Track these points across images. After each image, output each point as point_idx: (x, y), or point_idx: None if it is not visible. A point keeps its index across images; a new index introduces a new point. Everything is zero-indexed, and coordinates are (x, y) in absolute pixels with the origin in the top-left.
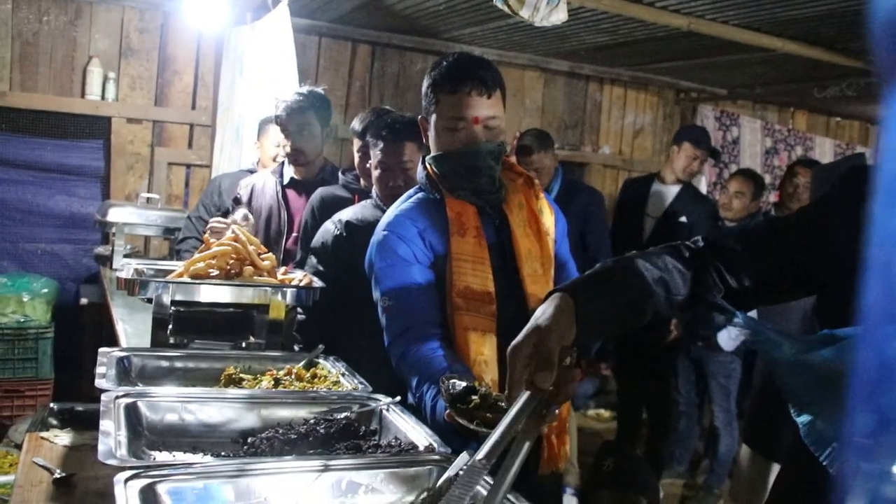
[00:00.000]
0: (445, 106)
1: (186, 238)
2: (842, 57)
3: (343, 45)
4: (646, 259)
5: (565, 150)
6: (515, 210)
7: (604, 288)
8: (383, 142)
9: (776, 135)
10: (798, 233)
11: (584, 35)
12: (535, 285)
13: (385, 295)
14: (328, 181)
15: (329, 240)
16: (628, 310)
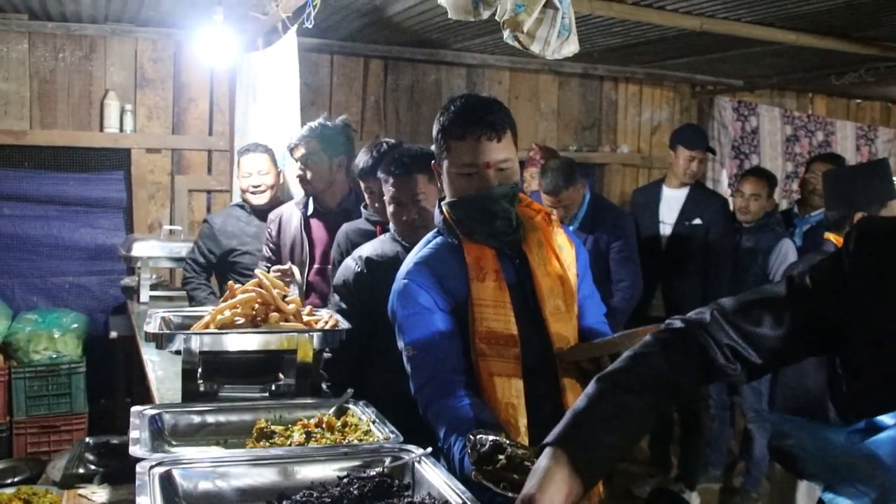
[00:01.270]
0: (456, 152)
1: (189, 280)
2: (858, 45)
3: (355, 62)
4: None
5: (583, 152)
6: (535, 248)
7: (595, 428)
8: (393, 177)
9: (796, 122)
10: (813, 297)
11: (596, 38)
12: (559, 323)
13: (409, 345)
14: (351, 210)
15: (350, 277)
16: (629, 434)
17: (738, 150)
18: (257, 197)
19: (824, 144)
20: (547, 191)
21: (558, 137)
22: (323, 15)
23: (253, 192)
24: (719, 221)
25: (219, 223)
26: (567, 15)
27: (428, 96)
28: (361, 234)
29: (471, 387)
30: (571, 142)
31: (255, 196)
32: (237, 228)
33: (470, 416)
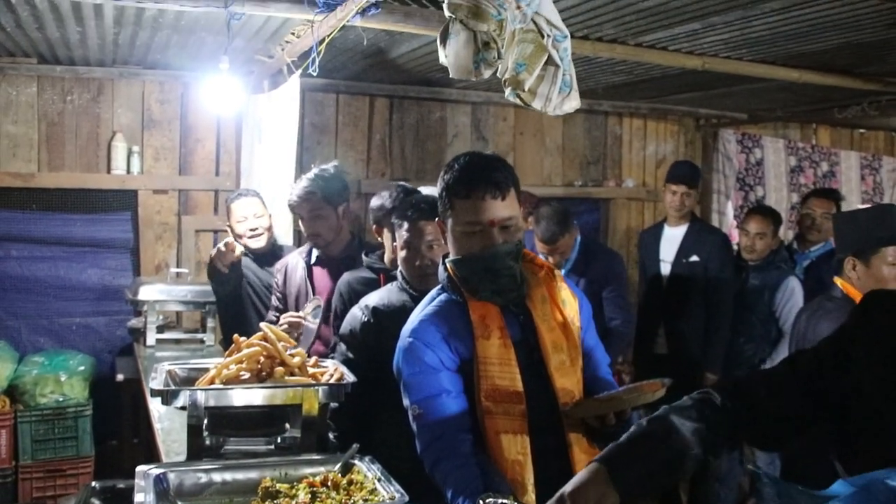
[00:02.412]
0: (461, 211)
1: None
2: (860, 81)
3: (361, 101)
4: (680, 414)
5: (588, 186)
6: (538, 304)
7: (638, 452)
8: (408, 222)
9: (800, 153)
10: (817, 371)
11: (599, 77)
12: (564, 378)
13: (415, 404)
14: (355, 257)
15: (357, 326)
16: (666, 468)
17: (742, 181)
18: (256, 241)
19: (829, 175)
20: (544, 239)
21: (563, 173)
22: (328, 56)
23: (251, 235)
24: (717, 257)
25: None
26: (568, 72)
27: (433, 134)
28: (364, 282)
29: (477, 445)
30: (576, 177)
31: (254, 240)
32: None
33: (477, 477)
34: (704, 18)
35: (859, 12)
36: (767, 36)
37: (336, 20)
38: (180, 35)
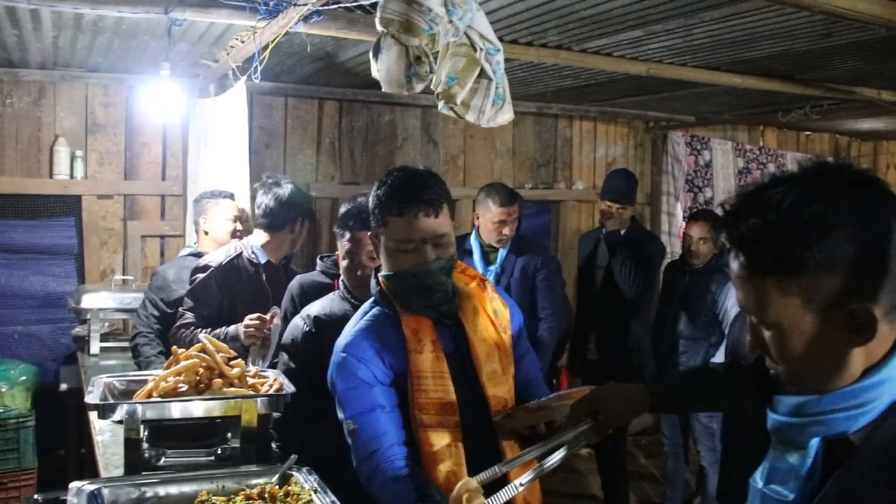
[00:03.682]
0: (393, 228)
1: (140, 333)
2: (800, 86)
3: (310, 104)
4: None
5: (539, 189)
6: (470, 315)
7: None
8: (350, 232)
9: (748, 155)
10: None
11: (548, 81)
12: (496, 387)
13: (349, 419)
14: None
15: (298, 336)
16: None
17: (692, 183)
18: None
19: None
20: (503, 203)
21: (514, 175)
22: (276, 60)
23: (238, 235)
24: (649, 261)
25: (172, 275)
26: (501, 85)
27: (383, 137)
28: (317, 286)
29: (412, 458)
30: (527, 179)
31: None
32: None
33: (411, 490)
34: (646, 26)
35: (794, 22)
36: (709, 43)
37: (279, 27)
38: (122, 39)
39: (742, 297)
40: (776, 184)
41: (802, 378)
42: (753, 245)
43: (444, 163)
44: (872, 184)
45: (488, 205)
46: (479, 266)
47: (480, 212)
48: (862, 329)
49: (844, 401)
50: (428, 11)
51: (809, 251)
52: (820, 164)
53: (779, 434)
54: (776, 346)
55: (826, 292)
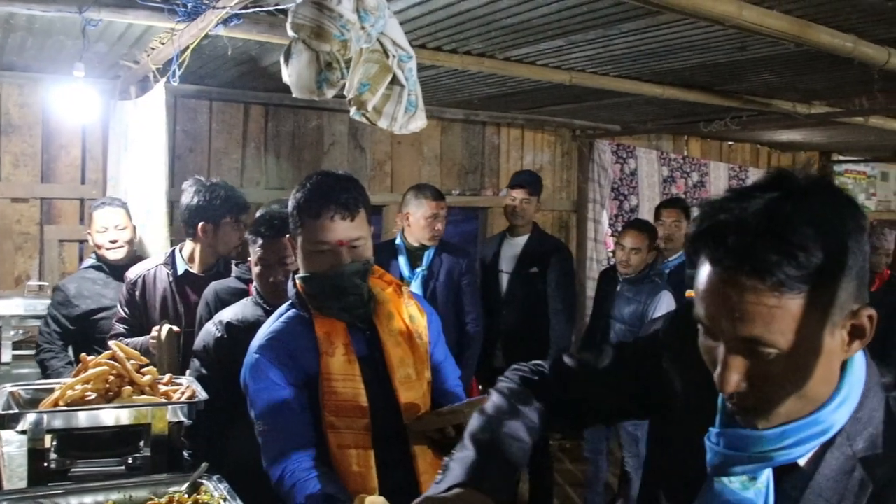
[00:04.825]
0: (310, 230)
1: (43, 349)
2: (720, 98)
3: (235, 108)
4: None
5: (467, 195)
6: (385, 320)
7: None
8: (262, 238)
9: (672, 163)
10: (635, 370)
11: (473, 88)
12: (409, 392)
13: (260, 420)
14: (224, 274)
15: (210, 342)
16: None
17: (617, 191)
18: (114, 252)
19: (699, 185)
20: (436, 197)
21: (441, 181)
22: (199, 63)
23: (109, 247)
24: (556, 268)
25: (73, 289)
26: (413, 91)
27: (310, 142)
28: (231, 292)
29: (321, 459)
30: (455, 185)
31: (112, 251)
32: (94, 291)
33: (319, 490)
34: (566, 36)
35: (709, 36)
36: (629, 53)
37: (198, 29)
38: (36, 38)
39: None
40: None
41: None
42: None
43: (372, 168)
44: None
45: (420, 201)
46: (405, 269)
47: (411, 210)
48: (863, 333)
49: (809, 428)
50: (339, 17)
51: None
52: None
53: (723, 468)
54: (778, 375)
55: (843, 301)
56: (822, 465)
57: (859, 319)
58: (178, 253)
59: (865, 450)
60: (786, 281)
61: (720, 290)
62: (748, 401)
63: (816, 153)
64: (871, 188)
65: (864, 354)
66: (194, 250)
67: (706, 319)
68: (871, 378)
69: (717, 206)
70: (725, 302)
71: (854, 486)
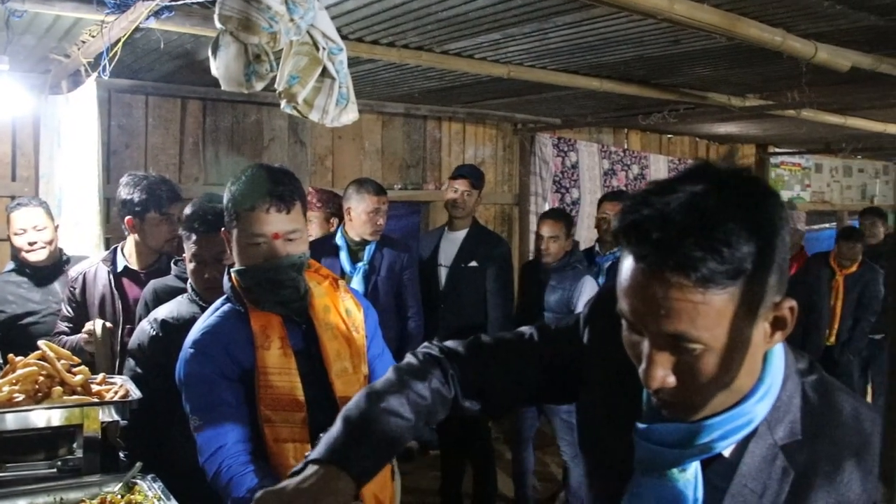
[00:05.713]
0: (245, 222)
1: None
2: (657, 91)
3: (172, 103)
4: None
5: (408, 189)
6: (321, 314)
7: (366, 445)
8: (196, 234)
9: (613, 156)
10: (556, 351)
11: (413, 82)
12: (346, 385)
13: (195, 414)
14: (165, 270)
15: (145, 341)
16: (393, 447)
17: (559, 184)
18: (34, 254)
19: (640, 177)
20: (378, 192)
21: (383, 176)
22: (133, 57)
23: (29, 250)
24: (495, 262)
25: None
26: (344, 84)
27: (249, 137)
28: (170, 291)
29: (257, 454)
30: (396, 180)
31: (32, 254)
32: (18, 295)
33: (256, 484)
34: (503, 29)
35: (644, 29)
36: (565, 47)
37: (128, 22)
38: None
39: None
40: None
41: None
42: (698, 261)
43: (312, 163)
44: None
45: (362, 196)
46: (346, 264)
47: (352, 205)
48: (784, 324)
49: (734, 420)
50: (267, 9)
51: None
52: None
53: (652, 461)
54: (704, 370)
55: (767, 294)
56: (746, 454)
57: (781, 311)
58: (120, 250)
59: (785, 438)
60: (711, 276)
61: (645, 286)
62: (673, 395)
63: (753, 145)
64: (806, 179)
65: (782, 344)
66: (133, 246)
67: (630, 315)
68: (789, 366)
69: (640, 200)
70: (650, 298)
71: (777, 473)
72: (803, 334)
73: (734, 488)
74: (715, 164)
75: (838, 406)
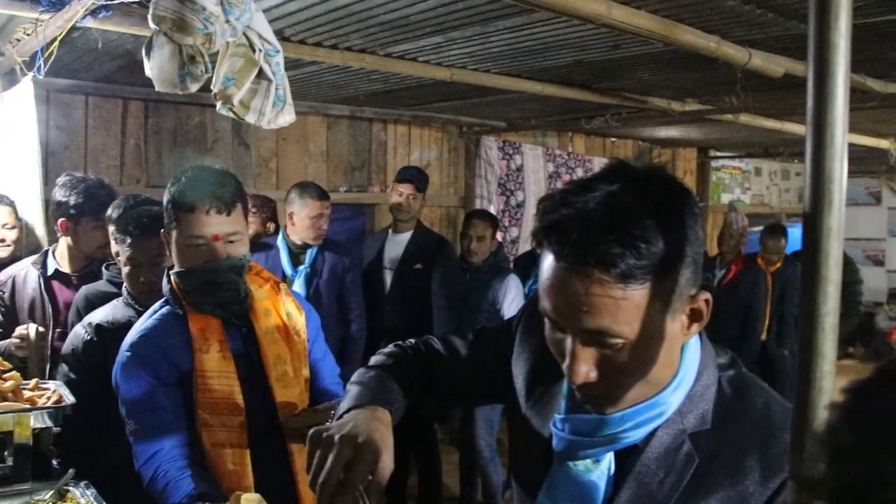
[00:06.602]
0: (185, 224)
1: None
2: (598, 95)
3: (113, 103)
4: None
5: (354, 192)
6: (262, 317)
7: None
8: (131, 237)
9: (557, 159)
10: (490, 353)
11: (357, 84)
12: (286, 389)
13: (131, 419)
14: (97, 273)
15: (79, 345)
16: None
17: (504, 187)
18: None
19: None
20: (321, 197)
21: (328, 178)
22: (72, 56)
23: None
24: (441, 264)
25: None
26: (281, 86)
27: (192, 139)
28: (102, 296)
29: (194, 458)
30: (342, 182)
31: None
32: None
33: (192, 489)
34: (445, 33)
35: (584, 34)
36: (507, 51)
37: (64, 20)
38: None
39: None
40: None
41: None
42: (617, 257)
43: (257, 165)
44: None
45: (305, 201)
46: (288, 267)
47: (294, 209)
48: (700, 316)
49: (649, 410)
50: (202, 10)
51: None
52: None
53: (569, 453)
54: (626, 364)
55: (683, 287)
56: (654, 439)
57: (697, 303)
58: (51, 252)
59: (695, 426)
60: (630, 272)
61: (566, 284)
62: (597, 389)
63: (695, 149)
64: (746, 183)
65: (699, 337)
66: (65, 249)
67: (552, 313)
68: (706, 358)
69: (559, 201)
70: (572, 296)
71: (681, 459)
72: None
73: (637, 472)
74: (630, 164)
75: (751, 399)
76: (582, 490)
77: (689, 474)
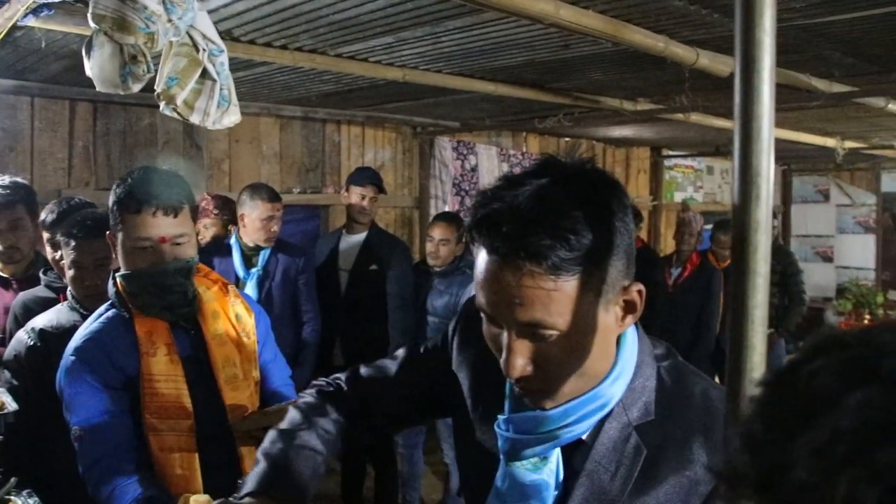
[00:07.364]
0: (131, 226)
1: None
2: (550, 95)
3: (60, 105)
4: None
5: (307, 193)
6: (210, 319)
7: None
8: (75, 240)
9: (512, 159)
10: (427, 365)
11: (309, 85)
12: (235, 392)
13: (76, 425)
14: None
15: (22, 351)
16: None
17: (459, 187)
18: None
19: None
20: (272, 199)
21: (281, 180)
22: (15, 56)
23: None
24: (396, 265)
25: None
26: (226, 86)
27: (142, 141)
28: (41, 302)
29: (141, 463)
30: (295, 184)
31: None
32: None
33: (140, 494)
34: (395, 33)
35: (534, 34)
36: (458, 51)
37: (4, 19)
38: None
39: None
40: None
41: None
42: (547, 249)
43: (209, 167)
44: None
45: (256, 203)
46: (240, 269)
47: (246, 211)
48: (634, 308)
49: (589, 403)
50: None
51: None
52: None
53: (514, 452)
54: (561, 355)
55: (614, 278)
56: (602, 434)
57: (630, 295)
58: None
59: (639, 418)
60: (560, 264)
61: (499, 277)
62: (534, 383)
63: (648, 148)
64: (699, 181)
65: (635, 329)
66: None
67: (488, 307)
68: (644, 350)
69: (491, 196)
70: (505, 289)
71: (630, 452)
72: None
73: (589, 467)
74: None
75: (689, 388)
76: (530, 490)
77: (638, 466)
